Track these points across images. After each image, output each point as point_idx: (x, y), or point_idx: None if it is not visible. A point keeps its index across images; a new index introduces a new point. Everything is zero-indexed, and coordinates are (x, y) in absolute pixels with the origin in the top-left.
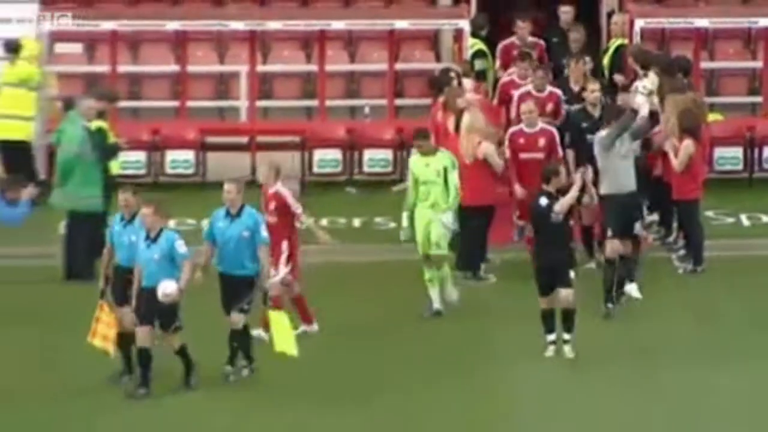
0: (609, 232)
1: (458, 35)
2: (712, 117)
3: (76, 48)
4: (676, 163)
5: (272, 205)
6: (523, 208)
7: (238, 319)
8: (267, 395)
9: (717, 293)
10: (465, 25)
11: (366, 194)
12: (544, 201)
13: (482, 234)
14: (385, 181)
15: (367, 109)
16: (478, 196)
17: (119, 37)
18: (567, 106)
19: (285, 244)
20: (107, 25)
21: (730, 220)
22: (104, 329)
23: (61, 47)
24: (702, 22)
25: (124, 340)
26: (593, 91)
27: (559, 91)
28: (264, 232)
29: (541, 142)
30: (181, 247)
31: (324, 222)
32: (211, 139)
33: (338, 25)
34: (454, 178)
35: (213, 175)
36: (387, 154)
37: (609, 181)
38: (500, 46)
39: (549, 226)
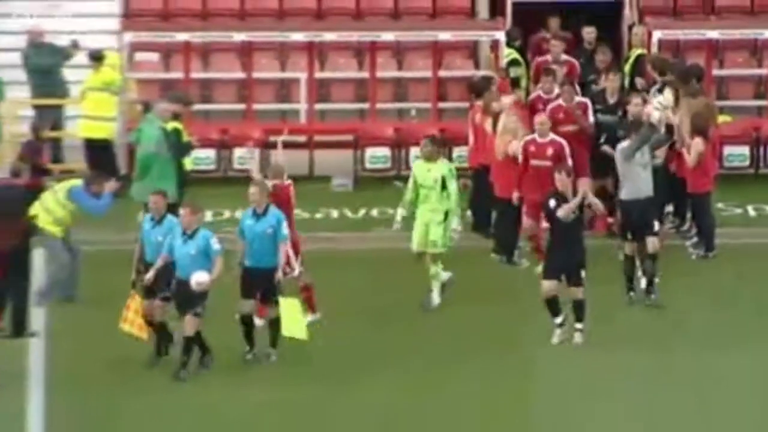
0: (629, 235)
1: (495, 45)
2: (722, 119)
3: (153, 57)
4: (689, 159)
5: (272, 200)
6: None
7: (274, 311)
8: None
9: (727, 277)
10: (501, 36)
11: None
12: (552, 203)
13: (514, 223)
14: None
15: (413, 112)
16: (510, 190)
17: (192, 47)
18: (602, 116)
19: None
20: (181, 37)
21: (738, 210)
22: (134, 316)
23: (140, 56)
24: (713, 34)
25: (153, 327)
26: (636, 105)
27: (586, 100)
28: (284, 230)
29: (549, 151)
30: (215, 244)
31: (375, 212)
32: (274, 138)
33: (387, 36)
34: (452, 185)
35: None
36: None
37: (629, 187)
38: (535, 62)
39: (560, 226)
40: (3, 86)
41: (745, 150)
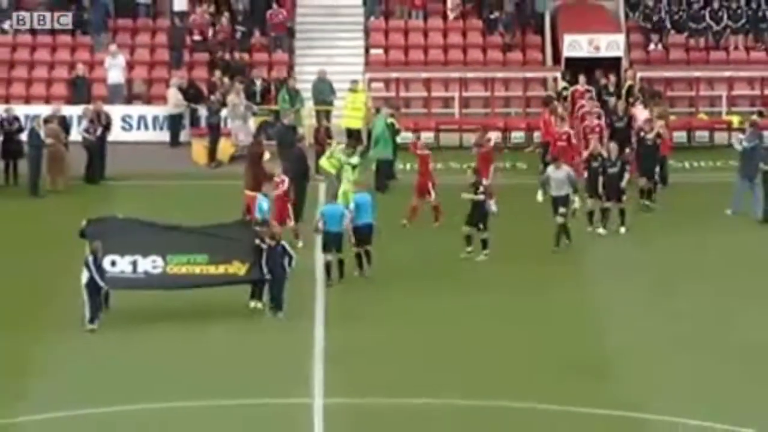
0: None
1: (555, 80)
2: (672, 117)
3: (380, 85)
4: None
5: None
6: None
7: (370, 247)
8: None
9: (673, 193)
10: (558, 75)
11: (513, 153)
12: (480, 189)
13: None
14: (521, 146)
15: (513, 113)
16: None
17: (399, 80)
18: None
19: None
20: (394, 74)
21: (680, 165)
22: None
23: (373, 85)
24: (669, 74)
25: None
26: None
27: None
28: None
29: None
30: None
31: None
32: (442, 126)
33: (500, 74)
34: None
35: (444, 143)
36: (521, 133)
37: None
38: (577, 114)
39: (479, 204)
40: (303, 100)
41: (684, 134)
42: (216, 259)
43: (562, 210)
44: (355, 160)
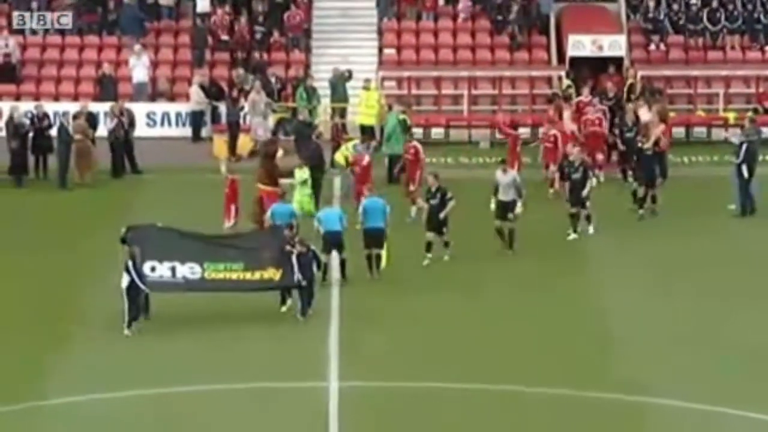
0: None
1: (559, 78)
2: (671, 114)
3: (393, 83)
4: (655, 134)
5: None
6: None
7: (384, 250)
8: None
9: (672, 187)
10: (563, 73)
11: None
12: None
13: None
14: (528, 140)
15: (519, 110)
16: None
17: (411, 78)
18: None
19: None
20: (406, 74)
21: (679, 159)
22: None
23: (386, 83)
24: (667, 73)
25: None
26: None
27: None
28: (387, 207)
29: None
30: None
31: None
32: (452, 123)
33: (507, 73)
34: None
35: (453, 138)
36: (527, 128)
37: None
38: (583, 115)
39: (432, 205)
40: (320, 97)
41: (682, 129)
42: (251, 265)
43: (510, 215)
44: (302, 175)
